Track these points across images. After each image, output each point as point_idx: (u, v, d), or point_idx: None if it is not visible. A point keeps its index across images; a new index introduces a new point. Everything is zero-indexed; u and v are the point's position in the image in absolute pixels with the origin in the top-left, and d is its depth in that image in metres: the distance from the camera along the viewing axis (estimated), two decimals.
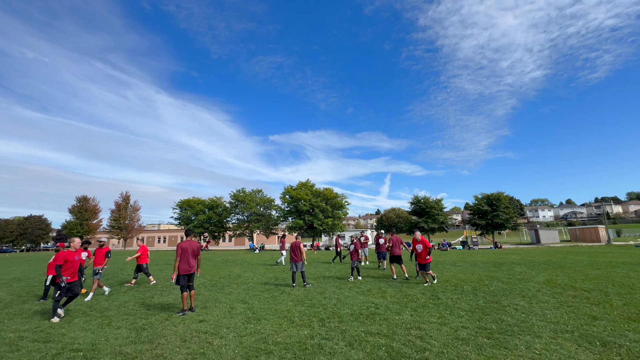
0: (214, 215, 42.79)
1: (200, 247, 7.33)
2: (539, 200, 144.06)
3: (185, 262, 6.37)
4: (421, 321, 5.30)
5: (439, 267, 13.54)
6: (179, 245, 6.42)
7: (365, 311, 6.06)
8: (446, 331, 4.75)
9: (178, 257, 6.34)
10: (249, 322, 5.45)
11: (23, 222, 66.02)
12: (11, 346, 4.51)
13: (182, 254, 6.37)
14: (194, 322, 5.55)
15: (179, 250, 6.37)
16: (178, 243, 6.50)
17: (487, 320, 5.32)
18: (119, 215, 54.75)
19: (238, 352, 4.06)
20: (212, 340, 4.56)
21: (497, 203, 33.92)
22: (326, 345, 4.23)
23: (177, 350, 4.17)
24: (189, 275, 6.43)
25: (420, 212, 37.27)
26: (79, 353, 4.17)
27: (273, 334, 4.80)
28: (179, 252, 6.36)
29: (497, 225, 34.13)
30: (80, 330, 5.23)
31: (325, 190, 38.27)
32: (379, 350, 4.03)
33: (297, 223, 35.93)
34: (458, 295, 7.40)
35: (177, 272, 6.31)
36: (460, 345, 4.16)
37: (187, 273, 6.40)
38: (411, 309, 6.15)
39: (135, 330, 5.11)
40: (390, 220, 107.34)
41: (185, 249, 6.45)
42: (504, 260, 16.10)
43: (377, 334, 4.68)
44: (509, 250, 25.44)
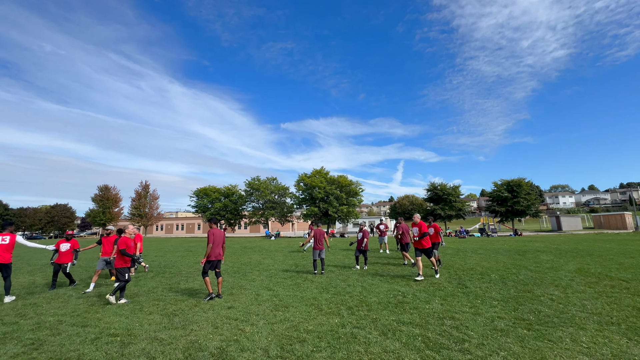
0: (230, 203, 43.49)
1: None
2: (559, 186, 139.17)
3: (216, 248, 6.46)
4: (453, 311, 5.15)
5: (460, 255, 13.28)
6: (210, 232, 6.45)
7: (393, 300, 5.96)
8: (482, 321, 4.59)
9: (210, 243, 6.36)
10: (277, 310, 5.45)
11: (50, 210, 69.23)
12: (52, 330, 4.67)
13: (214, 240, 6.41)
14: (223, 308, 5.60)
15: (211, 237, 6.39)
16: (209, 230, 6.53)
17: (523, 310, 5.11)
18: (140, 204, 56.46)
19: (271, 340, 4.04)
20: (243, 327, 4.57)
21: (517, 189, 32.87)
22: (359, 334, 4.16)
23: (210, 337, 4.19)
24: (217, 262, 6.51)
25: (436, 199, 36.63)
26: (116, 338, 4.26)
27: (303, 321, 4.77)
28: (211, 239, 6.38)
29: (518, 212, 33.20)
30: (115, 315, 5.36)
31: (339, 178, 38.07)
32: (415, 340, 3.92)
33: (312, 210, 36.07)
34: (486, 284, 7.19)
35: (208, 257, 6.34)
36: (499, 336, 4.00)
37: (217, 259, 6.50)
38: (440, 298, 6.00)
39: (167, 316, 5.20)
40: (404, 208, 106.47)
41: (216, 235, 6.50)
42: (527, 248, 15.65)
43: (409, 323, 4.57)
44: (530, 238, 24.77)
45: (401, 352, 3.58)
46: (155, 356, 3.63)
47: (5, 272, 6.65)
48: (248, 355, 3.59)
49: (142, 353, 3.74)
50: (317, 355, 3.57)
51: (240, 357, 3.56)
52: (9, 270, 6.72)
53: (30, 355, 3.75)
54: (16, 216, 65.88)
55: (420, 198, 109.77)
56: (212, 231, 6.49)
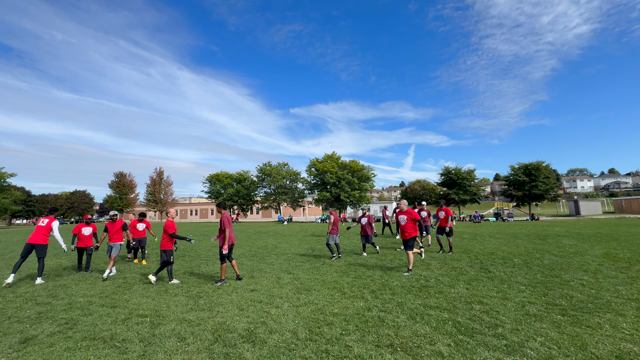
0: (242, 188, 43.92)
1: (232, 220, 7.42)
2: (576, 170, 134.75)
3: (232, 232, 6.48)
4: (480, 295, 5.03)
5: (477, 239, 13.07)
6: (225, 216, 6.36)
7: (416, 284, 5.88)
8: (512, 306, 4.46)
9: (228, 227, 6.29)
10: (299, 293, 5.45)
11: (70, 196, 71.68)
12: (83, 310, 4.80)
13: (230, 224, 6.38)
14: (246, 291, 5.64)
15: (226, 222, 6.31)
16: (224, 214, 6.43)
17: (554, 295, 4.95)
18: (155, 190, 57.74)
19: (298, 323, 4.02)
20: (268, 309, 4.58)
21: (536, 173, 31.89)
22: (386, 318, 4.10)
23: (237, 319, 4.22)
24: (232, 245, 6.56)
25: (450, 184, 36.00)
26: (145, 319, 4.33)
27: (327, 304, 4.74)
28: (226, 223, 6.29)
29: (535, 197, 32.35)
30: (141, 296, 5.47)
31: (351, 163, 37.75)
32: (445, 324, 3.83)
33: (324, 195, 36.08)
34: (511, 269, 7.01)
35: (229, 242, 6.34)
36: (534, 322, 3.87)
37: (233, 243, 6.57)
38: (464, 282, 5.88)
39: (192, 298, 5.27)
40: (416, 193, 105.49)
41: (231, 220, 6.48)
42: (547, 233, 15.26)
43: (436, 307, 4.48)
44: (549, 222, 24.19)
45: (433, 336, 3.51)
46: (186, 337, 3.67)
47: (40, 254, 6.84)
48: (277, 337, 3.58)
49: (172, 333, 3.79)
50: (346, 338, 3.53)
51: (269, 339, 3.56)
52: (43, 252, 6.89)
53: (66, 334, 3.86)
54: (38, 202, 68.52)
55: (432, 183, 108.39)
56: (227, 216, 6.39)
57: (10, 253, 12.42)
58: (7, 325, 4.21)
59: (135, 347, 3.45)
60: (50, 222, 7.11)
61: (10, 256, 11.45)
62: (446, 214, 10.11)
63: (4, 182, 48.31)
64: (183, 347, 3.40)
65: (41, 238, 6.89)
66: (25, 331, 3.99)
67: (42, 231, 6.95)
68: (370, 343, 3.39)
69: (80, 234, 8.30)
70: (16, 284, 6.70)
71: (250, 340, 3.54)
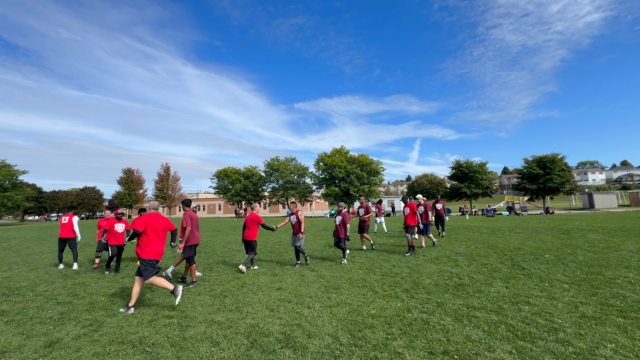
0: (250, 184, 43.80)
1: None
2: (587, 162, 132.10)
3: (196, 231, 6.07)
4: (524, 295, 4.70)
5: (497, 234, 12.67)
6: (187, 214, 5.92)
7: (450, 282, 5.57)
8: (563, 307, 4.13)
9: (188, 225, 5.80)
10: (328, 292, 5.19)
11: (80, 193, 72.49)
12: (106, 310, 4.60)
13: (192, 223, 5.89)
14: (272, 290, 5.40)
15: (188, 219, 5.85)
16: (186, 211, 5.95)
17: (604, 295, 4.60)
18: (162, 186, 58.03)
19: (336, 325, 3.76)
20: (300, 310, 4.32)
21: (551, 166, 31.07)
22: (431, 321, 3.81)
23: (269, 321, 3.97)
24: (195, 246, 6.09)
25: (461, 177, 35.35)
26: (172, 320, 4.11)
27: (362, 305, 4.47)
28: (188, 221, 5.82)
29: (550, 190, 31.58)
30: (163, 295, 5.26)
31: (360, 157, 37.30)
32: (498, 328, 3.53)
33: (333, 190, 35.78)
34: (545, 265, 6.66)
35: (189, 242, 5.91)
36: (595, 325, 3.54)
37: (197, 243, 6.13)
38: (501, 280, 5.55)
39: (218, 297, 5.04)
40: (422, 187, 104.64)
41: (194, 218, 6.05)
42: (568, 227, 14.78)
43: (481, 308, 4.18)
44: (565, 216, 23.58)
45: (489, 342, 3.21)
46: (219, 341, 3.43)
47: (72, 245, 8.14)
48: (318, 342, 3.32)
49: (203, 337, 3.55)
50: (393, 343, 3.25)
51: (310, 344, 3.29)
52: (73, 242, 8.17)
53: (92, 337, 3.65)
54: (50, 199, 69.45)
55: (439, 177, 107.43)
56: (190, 214, 5.96)
57: (26, 249, 12.40)
58: (30, 327, 4.03)
59: (167, 352, 3.22)
60: (71, 218, 8.27)
61: (26, 252, 11.43)
62: (411, 210, 8.69)
63: (16, 180, 48.99)
64: (218, 353, 3.16)
65: (70, 232, 8.15)
66: (49, 333, 3.80)
67: (68, 227, 8.16)
68: (422, 349, 3.11)
69: (113, 230, 7.77)
70: (34, 282, 6.56)
71: (289, 345, 3.28)
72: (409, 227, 8.54)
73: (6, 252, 11.90)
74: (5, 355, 3.25)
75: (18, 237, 19.11)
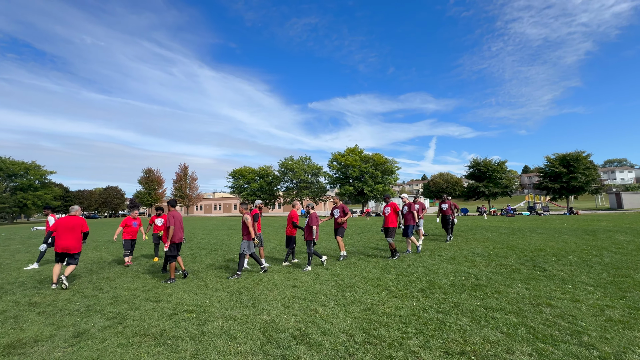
0: (265, 183, 44.34)
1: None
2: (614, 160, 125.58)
3: (179, 230, 6.38)
4: (545, 297, 4.55)
5: (517, 235, 12.28)
6: (171, 214, 6.30)
7: (467, 282, 5.46)
8: (587, 310, 3.97)
9: (172, 225, 6.18)
10: (343, 290, 5.20)
11: (103, 192, 75.56)
12: (129, 304, 4.79)
13: (175, 222, 6.26)
14: (287, 287, 5.46)
15: (172, 219, 6.21)
16: (170, 212, 6.36)
17: (632, 298, 4.39)
18: (180, 185, 59.61)
19: (351, 323, 3.77)
20: (315, 308, 4.36)
21: (575, 164, 29.78)
22: (447, 321, 3.75)
23: (284, 317, 4.03)
24: (178, 245, 6.43)
25: (479, 176, 34.45)
26: (191, 314, 4.24)
27: (377, 304, 4.46)
28: (171, 221, 6.19)
29: (574, 189, 30.27)
30: (183, 291, 5.43)
31: (374, 156, 37.03)
32: (518, 330, 3.44)
33: (347, 190, 35.69)
34: (568, 267, 6.41)
35: (173, 240, 6.25)
36: (622, 329, 3.39)
37: (180, 242, 6.47)
38: (521, 282, 5.39)
39: (234, 294, 5.15)
40: (439, 186, 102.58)
41: (178, 218, 6.39)
42: (594, 228, 14.14)
43: (500, 309, 4.08)
44: (591, 217, 22.57)
45: (508, 343, 3.13)
46: (236, 335, 3.51)
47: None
48: (332, 340, 3.34)
49: (221, 331, 3.64)
50: (408, 342, 3.23)
51: (324, 341, 3.32)
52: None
53: (116, 329, 3.81)
54: (75, 198, 72.71)
55: (456, 176, 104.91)
56: (173, 213, 6.35)
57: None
58: (60, 318, 4.25)
59: (186, 345, 3.32)
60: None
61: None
62: (392, 210, 8.01)
63: (45, 179, 51.57)
64: (236, 347, 3.23)
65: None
66: (77, 325, 4.00)
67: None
68: (438, 349, 3.07)
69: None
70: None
71: (304, 341, 3.32)
72: (389, 230, 7.83)
73: (36, 248, 12.57)
74: (38, 344, 3.46)
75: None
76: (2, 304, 4.97)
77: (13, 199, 45.88)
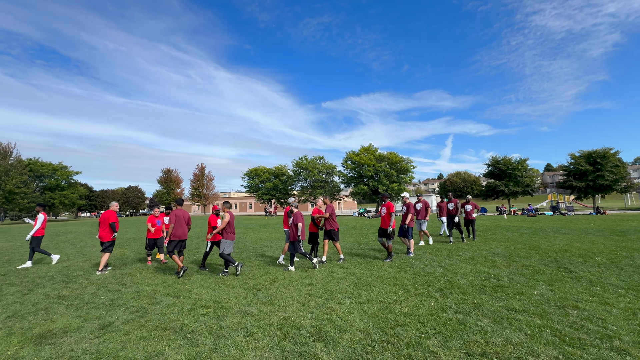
0: (280, 183, 44.68)
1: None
2: None
3: (180, 228, 6.80)
4: (571, 299, 4.36)
5: (540, 235, 11.83)
6: (174, 213, 6.84)
7: (487, 282, 5.31)
8: (618, 314, 3.77)
9: (172, 223, 6.70)
10: (359, 289, 5.17)
11: (125, 192, 78.27)
12: (151, 299, 4.94)
13: (176, 221, 6.79)
14: (302, 285, 5.48)
15: (173, 217, 6.77)
16: (173, 211, 6.90)
17: None
18: (198, 185, 61.00)
19: (367, 322, 3.73)
20: (331, 305, 4.35)
21: (602, 162, 28.36)
22: (467, 321, 3.66)
23: (301, 315, 4.04)
24: (183, 241, 6.87)
25: (498, 175, 33.41)
26: (210, 310, 4.32)
27: (394, 303, 4.40)
28: (173, 219, 6.75)
29: (601, 188, 28.85)
30: (201, 287, 5.55)
31: (389, 155, 36.61)
32: (543, 332, 3.31)
33: (361, 189, 35.47)
34: (596, 269, 6.12)
35: (171, 237, 6.69)
36: None
37: (182, 239, 6.84)
38: (546, 283, 5.19)
39: (251, 291, 5.22)
40: (456, 185, 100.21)
41: (180, 216, 6.87)
42: (623, 228, 13.43)
43: (523, 311, 3.94)
44: (619, 217, 21.44)
45: (532, 346, 3.02)
46: (253, 331, 3.56)
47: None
48: (349, 338, 3.32)
49: (239, 327, 3.70)
50: (427, 342, 3.17)
51: (341, 338, 3.31)
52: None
53: (139, 322, 3.94)
54: (99, 197, 75.71)
55: (473, 174, 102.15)
56: (175, 212, 6.85)
57: (80, 242, 13.66)
58: (86, 311, 4.44)
59: (205, 339, 3.39)
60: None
61: (80, 245, 12.58)
62: (387, 211, 7.57)
63: (71, 180, 53.97)
64: (253, 343, 3.27)
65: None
66: (102, 317, 4.16)
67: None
68: (458, 350, 3.00)
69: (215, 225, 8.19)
70: (88, 271, 7.21)
71: (320, 339, 3.32)
72: (384, 231, 7.58)
73: (64, 244, 13.19)
74: (67, 335, 3.62)
75: (73, 232, 21.06)
76: (34, 297, 5.24)
77: (42, 198, 48.30)
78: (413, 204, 8.65)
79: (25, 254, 10.25)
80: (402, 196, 8.38)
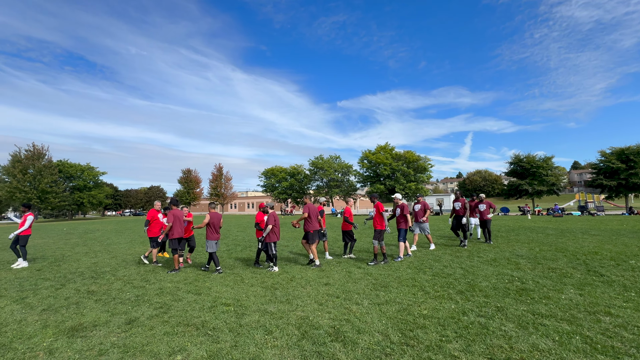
0: (296, 182, 44.99)
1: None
2: None
3: (178, 227, 7.11)
4: (603, 304, 4.14)
5: (567, 236, 11.30)
6: (171, 213, 7.17)
7: (511, 286, 5.12)
8: None
9: (170, 222, 7.07)
10: (376, 290, 5.12)
11: (147, 191, 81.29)
12: (173, 295, 5.10)
13: (174, 220, 7.09)
14: (320, 284, 5.50)
15: (171, 217, 7.09)
16: (170, 211, 7.24)
17: None
18: (216, 184, 62.35)
19: (386, 324, 3.69)
20: (349, 306, 4.34)
21: (636, 159, 26.69)
22: (490, 325, 3.55)
23: (318, 314, 4.05)
24: (179, 240, 7.14)
25: (521, 174, 32.16)
26: (229, 307, 4.41)
27: (413, 304, 4.33)
28: (170, 219, 7.09)
29: (634, 187, 27.19)
30: (221, 285, 5.67)
31: (406, 153, 36.05)
32: (572, 339, 3.16)
33: (378, 188, 35.11)
34: (629, 273, 5.78)
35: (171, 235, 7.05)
36: None
37: (180, 237, 7.13)
38: (574, 287, 4.95)
39: (269, 289, 5.28)
40: (476, 184, 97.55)
41: (177, 216, 7.18)
42: None
43: (550, 316, 3.77)
44: None
45: (561, 353, 2.89)
46: (272, 330, 3.60)
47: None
48: (367, 339, 3.30)
49: (258, 325, 3.75)
50: (448, 346, 3.10)
51: (360, 339, 3.29)
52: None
53: (162, 318, 4.08)
54: (124, 196, 79.07)
55: (494, 173, 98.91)
56: (173, 212, 7.16)
57: (107, 240, 14.29)
58: (114, 306, 4.64)
59: (226, 336, 3.46)
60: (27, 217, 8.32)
61: (107, 242, 13.17)
62: (377, 211, 7.37)
63: (98, 180, 56.56)
64: (272, 341, 3.31)
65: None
66: (128, 312, 4.34)
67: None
68: (481, 355, 2.91)
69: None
70: (115, 268, 7.54)
71: (339, 339, 3.32)
72: (376, 232, 7.27)
73: (92, 242, 13.84)
74: (96, 328, 3.80)
75: (100, 230, 22.06)
76: (66, 291, 5.53)
77: (72, 197, 50.92)
78: (407, 204, 8.16)
79: (57, 251, 10.84)
80: (394, 197, 8.15)
